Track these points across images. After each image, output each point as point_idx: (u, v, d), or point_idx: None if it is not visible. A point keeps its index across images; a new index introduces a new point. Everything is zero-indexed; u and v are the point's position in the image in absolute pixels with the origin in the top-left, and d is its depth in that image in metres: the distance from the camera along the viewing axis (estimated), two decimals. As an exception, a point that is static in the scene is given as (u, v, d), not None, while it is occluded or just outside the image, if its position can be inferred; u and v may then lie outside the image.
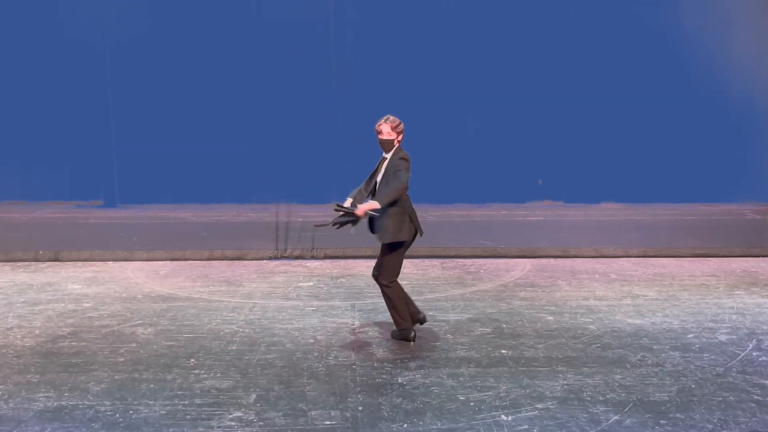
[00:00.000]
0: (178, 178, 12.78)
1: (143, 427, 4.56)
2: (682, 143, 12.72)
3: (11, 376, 5.45)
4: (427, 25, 12.73)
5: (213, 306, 7.36)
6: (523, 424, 4.58)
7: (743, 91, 12.69)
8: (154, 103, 12.73)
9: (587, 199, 12.85)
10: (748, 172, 12.78)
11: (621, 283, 8.26)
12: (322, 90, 12.86)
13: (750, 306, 7.26)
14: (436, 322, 6.75)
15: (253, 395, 5.04)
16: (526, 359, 5.73)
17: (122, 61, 12.72)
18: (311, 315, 7.02)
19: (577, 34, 12.73)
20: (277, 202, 12.00)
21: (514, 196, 12.88)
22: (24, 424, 4.62)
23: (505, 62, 12.70)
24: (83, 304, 7.42)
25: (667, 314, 6.97)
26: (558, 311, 7.09)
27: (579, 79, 12.72)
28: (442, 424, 4.58)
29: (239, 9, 12.73)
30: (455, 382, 5.25)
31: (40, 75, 12.64)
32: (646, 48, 12.63)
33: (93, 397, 5.03)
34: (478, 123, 12.87)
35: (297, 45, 12.73)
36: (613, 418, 4.65)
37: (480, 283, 8.33)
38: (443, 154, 12.84)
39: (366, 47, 12.80)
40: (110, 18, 12.66)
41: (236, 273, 8.88)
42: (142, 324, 6.73)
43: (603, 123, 12.77)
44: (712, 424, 4.57)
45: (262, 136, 12.75)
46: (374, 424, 4.58)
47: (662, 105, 12.71)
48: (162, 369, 5.55)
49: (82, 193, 13.05)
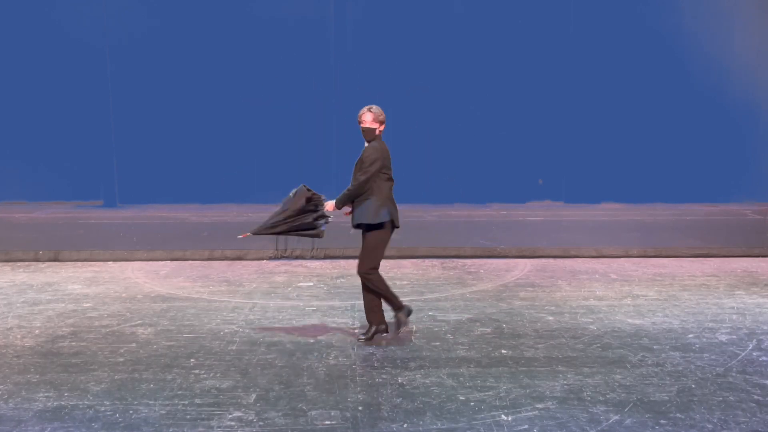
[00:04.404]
0: (178, 178, 12.78)
1: (143, 427, 4.55)
2: (682, 143, 12.72)
3: (11, 376, 5.44)
4: (427, 24, 12.73)
5: (213, 306, 7.36)
6: (523, 424, 4.58)
7: (743, 91, 12.68)
8: (154, 103, 12.73)
9: (587, 199, 12.85)
10: (748, 172, 12.78)
11: (621, 283, 8.26)
12: (322, 90, 12.87)
13: (750, 306, 7.26)
14: (436, 322, 6.75)
15: (253, 395, 5.04)
16: (526, 359, 5.73)
17: (122, 61, 12.73)
18: (311, 315, 7.02)
19: (577, 34, 12.73)
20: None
21: (514, 196, 12.89)
22: (24, 424, 4.62)
23: (506, 62, 12.70)
24: (83, 304, 7.42)
25: (667, 314, 6.96)
26: (558, 311, 7.09)
27: (579, 79, 12.72)
28: (442, 424, 4.58)
29: (239, 9, 12.73)
30: (455, 382, 5.25)
31: (41, 75, 12.64)
32: (646, 48, 12.63)
33: (93, 397, 5.03)
34: (477, 123, 12.86)
35: (297, 45, 12.73)
36: (613, 418, 4.65)
37: (480, 283, 8.33)
38: (443, 154, 12.85)
39: (366, 47, 12.80)
40: (110, 18, 12.66)
41: (236, 273, 8.88)
42: (142, 324, 6.73)
43: (603, 123, 12.77)
44: (712, 424, 4.57)
45: (263, 136, 12.75)
46: (374, 424, 4.58)
47: (662, 105, 12.71)
48: (162, 369, 5.55)
49: (82, 193, 13.06)
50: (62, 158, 12.82)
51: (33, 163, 12.81)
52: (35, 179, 12.87)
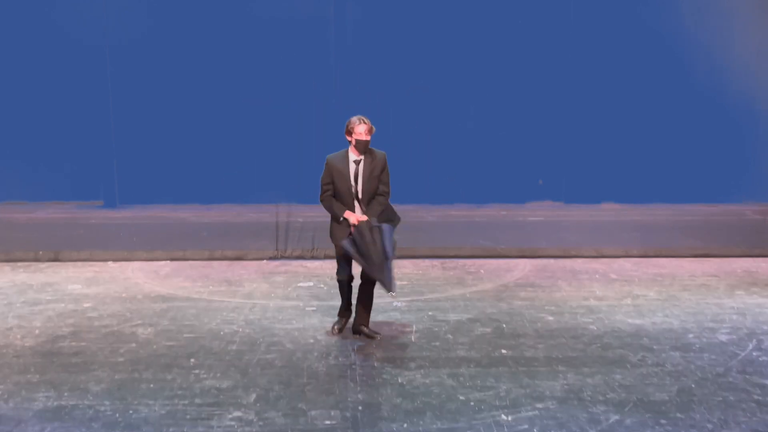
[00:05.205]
0: (178, 178, 12.76)
1: (143, 427, 4.55)
2: (682, 143, 12.71)
3: (11, 376, 5.44)
4: (427, 24, 12.72)
5: (213, 306, 7.36)
6: (523, 424, 4.58)
7: (743, 90, 12.67)
8: (154, 103, 12.72)
9: (587, 199, 12.83)
10: (748, 172, 12.77)
11: (621, 283, 8.26)
12: (322, 90, 12.86)
13: (750, 306, 7.26)
14: (436, 322, 6.75)
15: (253, 395, 5.04)
16: (526, 359, 5.73)
17: (122, 61, 12.71)
18: (311, 315, 7.02)
19: (576, 33, 12.72)
20: (277, 202, 12.00)
21: (514, 196, 12.87)
22: (24, 423, 4.62)
23: (505, 62, 12.69)
24: (83, 304, 7.42)
25: (667, 314, 6.96)
26: (558, 311, 7.08)
27: (579, 78, 12.71)
28: (442, 424, 4.58)
29: (239, 9, 12.72)
30: (455, 382, 5.25)
31: (40, 75, 12.62)
32: (645, 48, 12.61)
33: (93, 397, 5.03)
34: (477, 123, 12.86)
35: (297, 45, 12.72)
36: (613, 418, 4.65)
37: (480, 283, 8.32)
38: (443, 154, 12.84)
39: (366, 47, 12.79)
40: (110, 18, 12.65)
41: (236, 273, 8.88)
42: (142, 324, 6.73)
43: (603, 123, 12.75)
44: (712, 424, 4.57)
45: (262, 136, 12.74)
46: (374, 424, 4.58)
47: (662, 105, 12.69)
48: (162, 369, 5.55)
49: (82, 193, 13.03)
50: (62, 158, 12.80)
51: (33, 163, 12.79)
52: (35, 179, 12.85)
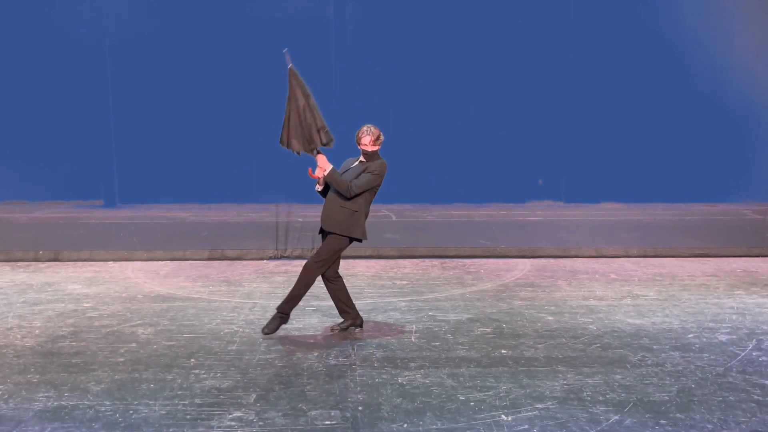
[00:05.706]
0: (178, 178, 12.78)
1: (143, 427, 4.55)
2: (681, 143, 12.72)
3: (11, 376, 5.44)
4: (427, 24, 12.73)
5: (213, 306, 7.36)
6: (523, 424, 4.58)
7: (743, 90, 12.69)
8: (154, 103, 12.73)
9: (587, 199, 12.85)
10: (748, 172, 12.78)
11: (621, 283, 8.26)
12: (322, 90, 12.86)
13: (750, 306, 7.26)
14: (436, 322, 6.75)
15: (253, 395, 5.04)
16: (526, 359, 5.73)
17: (122, 61, 12.72)
18: (311, 315, 7.02)
19: (577, 33, 12.73)
20: (277, 202, 12.01)
21: (514, 196, 12.89)
22: (24, 424, 4.62)
23: (506, 62, 12.71)
24: (83, 304, 7.42)
25: (667, 314, 6.96)
26: (558, 311, 7.09)
27: (579, 78, 12.73)
28: (442, 424, 4.58)
29: (239, 9, 12.73)
30: (455, 382, 5.25)
31: (40, 75, 12.64)
32: (646, 48, 12.63)
33: (93, 397, 5.03)
34: (478, 123, 12.87)
35: (297, 45, 12.70)
36: (613, 418, 4.65)
37: (480, 283, 8.33)
38: (443, 154, 12.85)
39: (366, 47, 12.80)
40: (110, 18, 12.66)
41: (236, 273, 8.88)
42: (142, 324, 6.73)
43: (603, 123, 12.77)
44: (712, 424, 4.57)
45: (262, 136, 12.74)
46: (374, 424, 4.58)
47: (662, 105, 12.71)
48: (162, 369, 5.55)
49: (82, 193, 13.06)
50: (62, 158, 12.82)
51: (33, 163, 12.81)
52: (35, 179, 12.87)
